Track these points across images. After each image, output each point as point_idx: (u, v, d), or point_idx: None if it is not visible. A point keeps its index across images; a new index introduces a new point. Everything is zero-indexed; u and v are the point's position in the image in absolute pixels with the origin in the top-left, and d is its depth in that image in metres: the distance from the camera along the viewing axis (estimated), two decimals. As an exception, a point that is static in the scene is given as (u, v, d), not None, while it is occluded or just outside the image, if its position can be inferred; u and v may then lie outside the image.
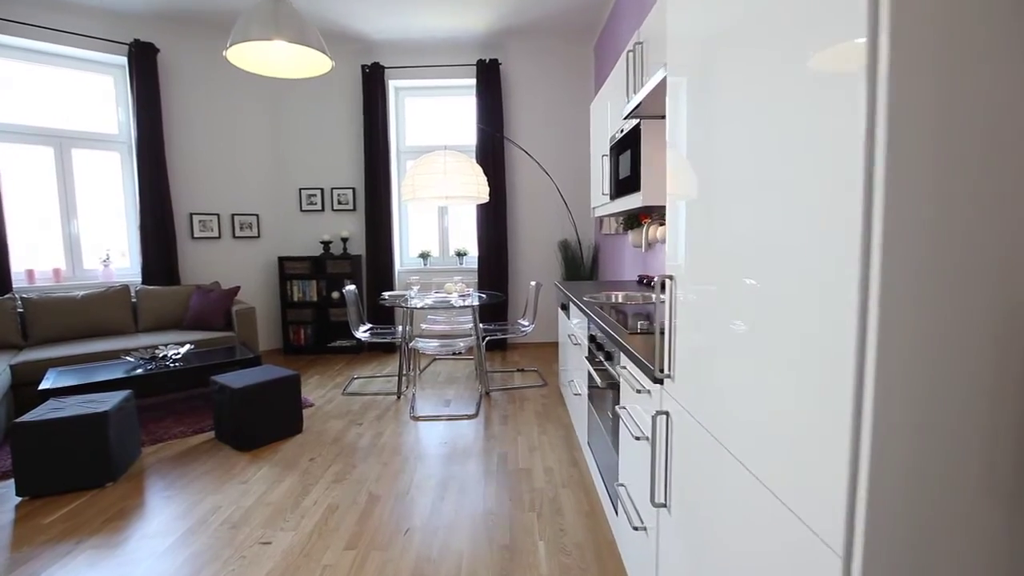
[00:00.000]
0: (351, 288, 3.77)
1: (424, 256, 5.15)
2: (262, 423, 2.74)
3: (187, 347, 3.30)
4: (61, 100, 4.07)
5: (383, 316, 4.99)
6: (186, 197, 4.52)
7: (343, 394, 3.65)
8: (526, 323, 3.85)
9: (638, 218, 3.31)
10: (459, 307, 3.44)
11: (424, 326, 5.02)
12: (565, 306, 3.12)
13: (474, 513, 2.08)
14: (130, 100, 4.18)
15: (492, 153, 4.80)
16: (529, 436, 2.85)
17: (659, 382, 1.19)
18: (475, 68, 4.78)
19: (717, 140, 0.88)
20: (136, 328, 3.97)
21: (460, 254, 5.15)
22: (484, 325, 4.24)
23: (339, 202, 5.03)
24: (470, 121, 5.05)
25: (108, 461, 2.32)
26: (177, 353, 3.21)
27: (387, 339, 3.71)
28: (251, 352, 3.44)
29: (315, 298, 4.88)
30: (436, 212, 5.23)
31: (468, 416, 3.17)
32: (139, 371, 2.98)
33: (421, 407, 3.35)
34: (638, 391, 1.34)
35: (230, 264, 4.79)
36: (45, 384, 2.74)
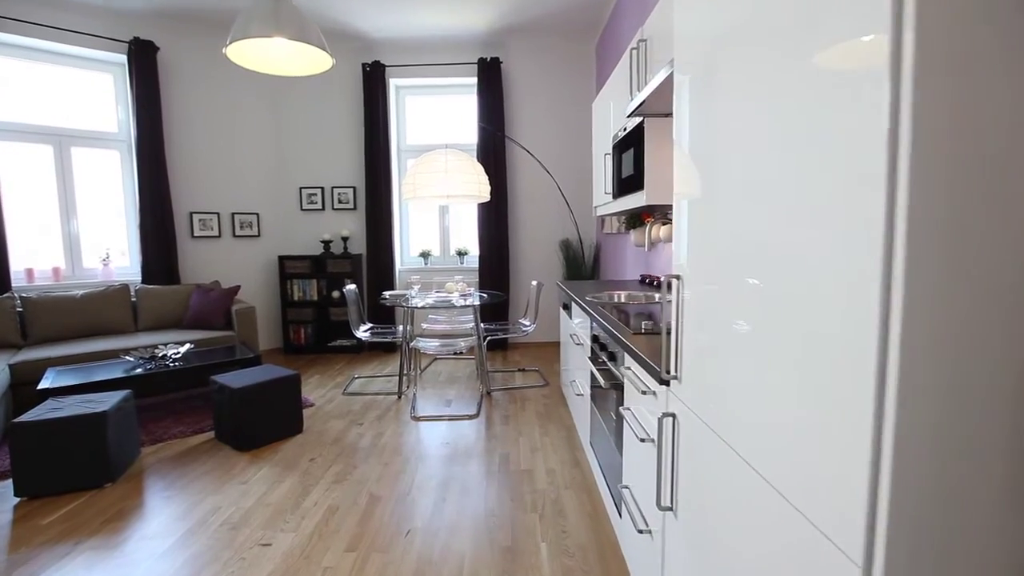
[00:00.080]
0: (351, 287, 3.75)
1: (425, 255, 5.13)
2: (262, 423, 2.72)
3: (187, 346, 3.29)
4: (61, 98, 4.05)
5: (384, 316, 4.97)
6: (186, 196, 4.51)
7: (343, 394, 3.64)
8: (527, 323, 3.83)
9: (640, 217, 3.29)
10: (460, 307, 3.42)
11: (425, 325, 5.01)
12: (567, 306, 3.10)
13: (476, 514, 2.06)
14: (130, 98, 4.16)
15: (493, 152, 4.78)
16: (531, 436, 2.84)
17: (665, 383, 1.17)
18: (476, 66, 4.76)
19: (727, 138, 0.87)
20: (136, 327, 3.96)
21: (461, 253, 5.13)
22: (485, 325, 4.22)
23: (339, 201, 5.02)
24: (471, 120, 5.03)
25: (107, 461, 2.30)
26: (177, 352, 3.20)
27: (388, 339, 3.70)
28: (251, 352, 3.43)
29: (315, 297, 4.87)
30: (437, 211, 5.22)
31: (469, 416, 3.15)
32: (139, 371, 2.96)
33: (422, 407, 3.34)
34: (643, 392, 1.32)
35: (230, 263, 4.77)
36: (44, 384, 2.72)
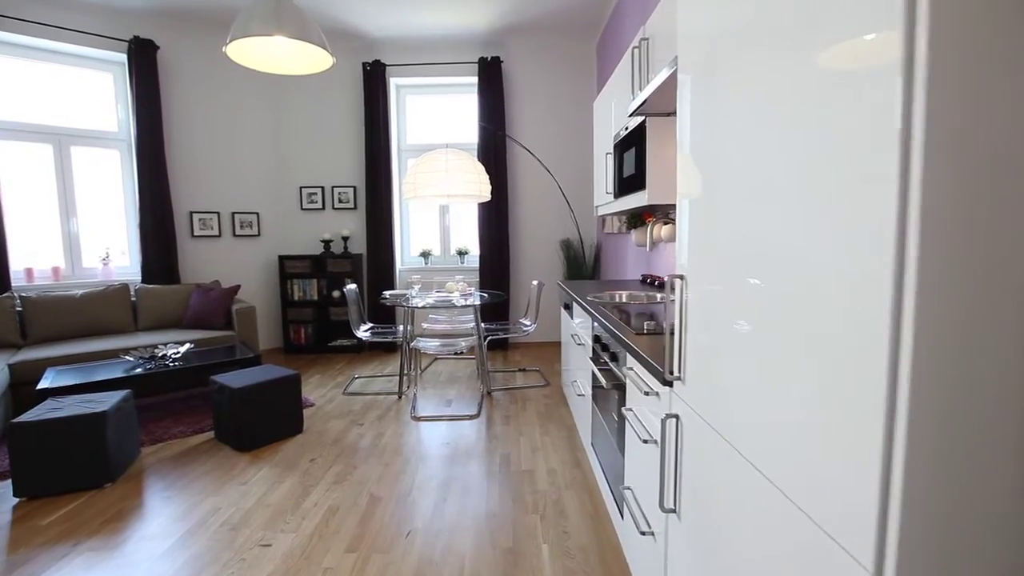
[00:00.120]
0: (352, 287, 3.74)
1: (425, 255, 5.12)
2: (262, 423, 2.71)
3: (187, 346, 3.28)
4: (60, 97, 4.04)
5: (384, 315, 4.96)
6: (186, 195, 4.50)
7: (344, 394, 3.63)
8: (528, 323, 3.82)
9: (642, 217, 3.28)
10: (460, 306, 3.41)
11: (425, 325, 5.00)
12: (568, 306, 3.09)
13: (477, 515, 2.05)
14: (130, 97, 4.15)
15: (494, 151, 4.77)
16: (531, 437, 2.83)
17: (668, 384, 1.16)
18: (477, 66, 4.75)
19: (732, 137, 0.86)
20: (135, 327, 3.95)
21: (461, 253, 5.12)
22: (485, 324, 4.21)
23: (340, 200, 5.00)
24: (471, 119, 5.01)
25: (106, 461, 2.29)
26: (177, 352, 3.19)
27: (388, 338, 3.69)
28: (251, 351, 3.42)
29: (316, 297, 4.86)
30: (437, 211, 5.21)
31: (470, 416, 3.14)
32: (138, 370, 2.95)
33: (422, 407, 3.33)
34: (646, 393, 1.31)
35: (230, 263, 4.76)
36: (43, 383, 2.71)
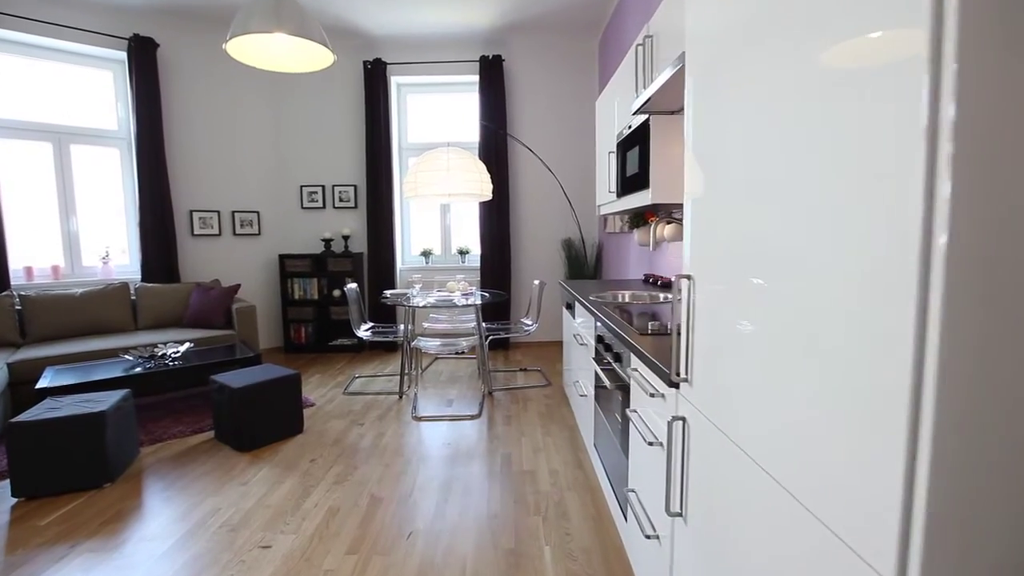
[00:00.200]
0: (352, 286, 3.73)
1: (426, 254, 5.10)
2: (262, 423, 2.70)
3: (187, 345, 3.26)
4: (60, 95, 4.03)
5: (385, 315, 4.94)
6: (186, 194, 4.48)
7: (344, 393, 3.61)
8: (529, 322, 3.80)
9: (644, 216, 3.26)
10: (462, 306, 3.39)
11: (426, 325, 4.98)
12: (570, 305, 3.07)
13: (478, 516, 2.04)
14: (129, 95, 4.14)
15: (495, 150, 4.75)
16: (533, 437, 2.81)
17: (675, 386, 1.14)
18: (478, 64, 4.73)
19: (745, 135, 0.84)
20: (135, 326, 3.93)
21: (462, 252, 5.10)
22: (486, 324, 4.19)
23: (340, 199, 4.99)
24: (473, 118, 4.99)
25: (105, 461, 2.28)
26: (176, 351, 3.17)
27: (389, 338, 3.67)
28: (251, 351, 3.40)
29: (316, 296, 4.84)
30: (438, 210, 5.19)
31: (471, 416, 3.13)
32: (138, 370, 2.94)
33: (423, 407, 3.31)
34: (651, 395, 1.29)
35: (230, 262, 4.75)
36: (42, 383, 2.70)
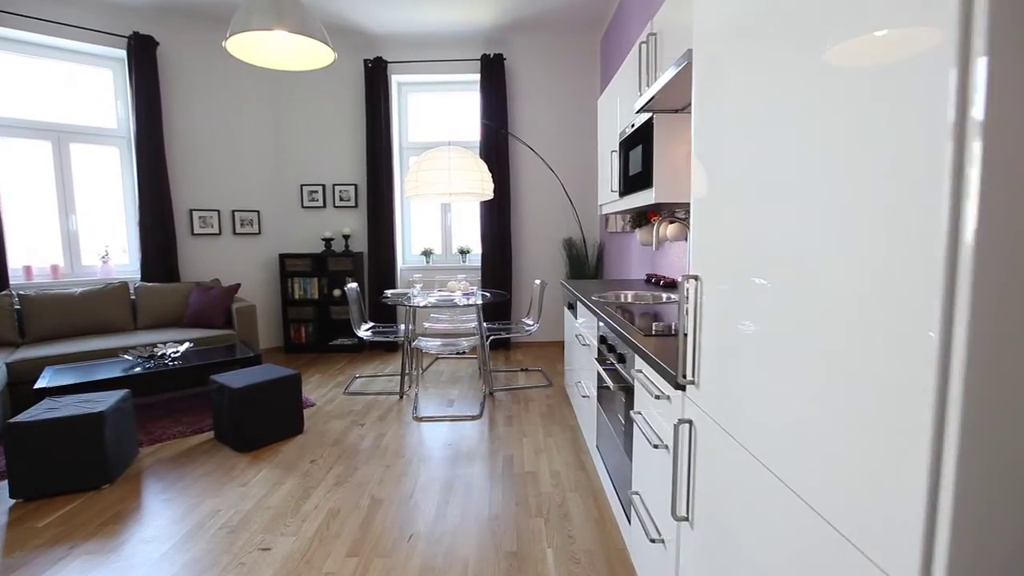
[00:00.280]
0: (353, 286, 3.71)
1: (427, 253, 5.08)
2: (262, 423, 2.68)
3: (186, 345, 3.24)
4: (59, 94, 4.01)
5: (385, 314, 4.93)
6: (186, 193, 4.46)
7: (344, 394, 3.60)
8: (531, 322, 3.78)
9: (646, 216, 3.24)
10: (462, 306, 3.38)
11: (427, 324, 4.96)
12: (572, 305, 3.05)
13: (480, 518, 2.02)
14: (129, 94, 4.12)
15: (496, 149, 4.73)
16: (534, 438, 2.79)
17: (681, 388, 1.12)
18: (479, 63, 4.71)
19: (756, 133, 0.82)
20: (135, 326, 3.91)
21: (463, 252, 5.08)
22: (487, 324, 4.18)
23: (341, 198, 4.97)
24: (474, 117, 4.97)
25: (105, 462, 2.26)
26: (176, 351, 3.16)
27: (389, 338, 3.65)
28: (251, 350, 3.38)
29: (316, 296, 4.82)
30: (439, 209, 5.17)
31: (472, 417, 3.11)
32: (137, 370, 2.92)
33: (424, 407, 3.29)
34: (656, 397, 1.27)
35: (230, 261, 4.73)
36: (41, 383, 2.68)
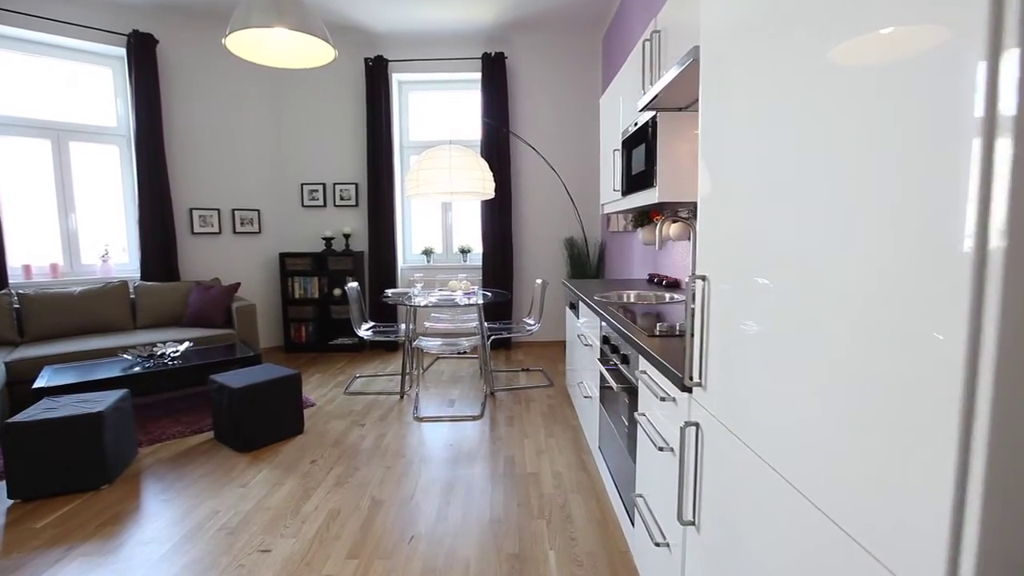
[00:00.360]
0: (353, 285, 3.69)
1: (427, 253, 5.06)
2: (262, 424, 2.66)
3: (186, 345, 3.23)
4: (59, 92, 3.99)
5: (386, 314, 4.91)
6: (186, 191, 4.45)
7: (345, 393, 3.58)
8: (532, 322, 3.77)
9: (648, 215, 3.22)
10: (463, 305, 3.36)
11: (427, 324, 4.95)
12: (574, 305, 3.04)
13: (481, 520, 2.00)
14: (129, 92, 4.10)
15: (497, 148, 4.71)
16: (536, 438, 2.78)
17: (687, 390, 1.11)
18: (480, 61, 4.69)
19: (767, 130, 0.80)
20: (134, 325, 3.90)
21: (464, 251, 5.07)
22: (488, 324, 4.16)
23: (341, 197, 4.95)
24: (475, 115, 4.95)
25: (103, 462, 2.24)
26: (176, 351, 3.14)
27: (390, 337, 3.64)
28: (251, 350, 3.37)
29: (317, 295, 4.81)
30: (439, 208, 5.15)
31: (473, 417, 3.09)
32: (136, 369, 2.90)
33: (425, 407, 3.28)
34: (662, 399, 1.26)
35: (230, 260, 4.71)
36: (40, 382, 2.66)
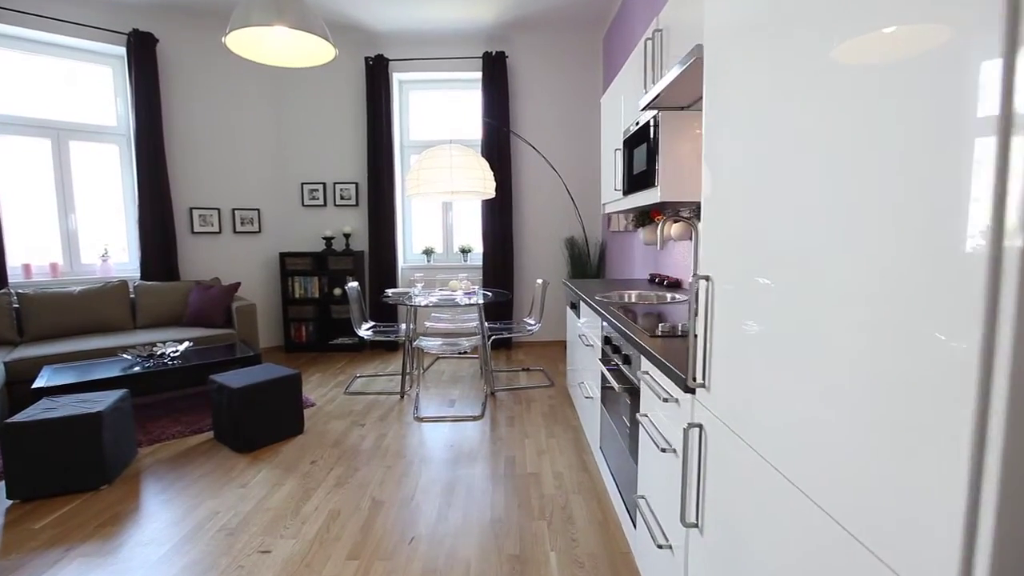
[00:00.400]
0: (353, 285, 3.68)
1: (428, 253, 5.05)
2: (262, 424, 2.66)
3: (186, 344, 3.22)
4: (58, 91, 3.98)
5: (386, 314, 4.90)
6: (186, 191, 4.44)
7: (345, 393, 3.57)
8: (533, 322, 3.76)
9: (649, 215, 3.21)
10: (464, 305, 3.35)
11: (428, 324, 4.94)
12: (574, 305, 3.03)
13: (481, 520, 2.00)
14: (129, 91, 4.09)
15: (498, 148, 4.70)
16: (537, 439, 2.77)
17: (691, 391, 1.10)
18: (481, 61, 4.68)
19: (773, 129, 0.79)
20: (134, 325, 3.89)
21: (464, 251, 5.06)
22: (489, 323, 4.15)
23: (341, 197, 4.94)
24: (475, 115, 4.94)
25: (103, 463, 2.24)
26: (176, 351, 3.13)
27: (390, 337, 3.63)
28: (251, 350, 3.36)
29: (317, 295, 4.80)
30: (440, 208, 5.14)
31: (473, 417, 3.08)
32: (136, 369, 2.90)
33: (425, 407, 3.27)
34: (664, 400, 1.25)
35: (230, 260, 4.70)
36: (39, 382, 2.66)
